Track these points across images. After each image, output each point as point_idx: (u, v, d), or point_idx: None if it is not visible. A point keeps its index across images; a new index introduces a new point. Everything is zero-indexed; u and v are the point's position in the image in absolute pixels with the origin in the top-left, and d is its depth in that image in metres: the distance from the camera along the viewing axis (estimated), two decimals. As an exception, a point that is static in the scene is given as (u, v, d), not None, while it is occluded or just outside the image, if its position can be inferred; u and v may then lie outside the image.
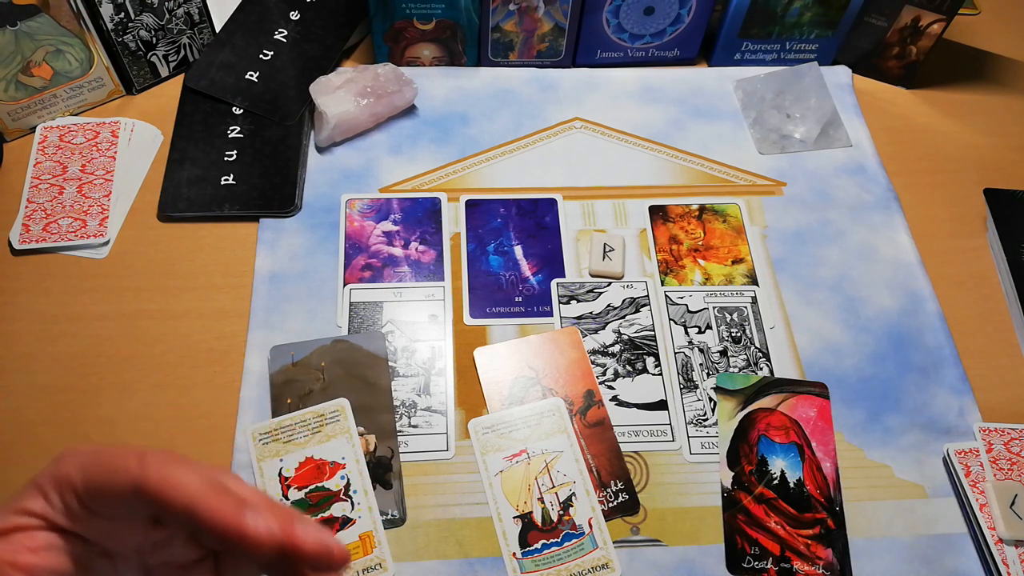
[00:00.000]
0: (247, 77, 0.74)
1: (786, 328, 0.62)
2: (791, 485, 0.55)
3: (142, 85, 0.74)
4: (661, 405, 0.58)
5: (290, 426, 0.55)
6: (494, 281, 0.64)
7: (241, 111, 0.72)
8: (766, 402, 0.58)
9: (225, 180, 0.67)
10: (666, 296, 0.64)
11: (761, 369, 0.60)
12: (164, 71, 0.75)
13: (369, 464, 0.54)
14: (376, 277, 0.63)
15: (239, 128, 0.71)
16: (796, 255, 0.66)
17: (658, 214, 0.68)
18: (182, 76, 0.75)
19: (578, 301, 0.63)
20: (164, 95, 0.74)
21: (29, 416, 0.56)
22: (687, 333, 0.62)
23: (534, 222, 0.67)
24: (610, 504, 0.54)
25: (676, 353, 0.61)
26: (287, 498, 0.53)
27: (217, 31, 0.76)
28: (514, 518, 0.53)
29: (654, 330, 0.62)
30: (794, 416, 0.58)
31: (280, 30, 0.77)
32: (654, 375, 0.60)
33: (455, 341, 0.61)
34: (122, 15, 0.68)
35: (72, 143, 0.69)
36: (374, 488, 0.53)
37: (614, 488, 0.54)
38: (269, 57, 0.75)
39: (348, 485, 0.53)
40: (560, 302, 0.63)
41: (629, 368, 0.60)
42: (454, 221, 0.67)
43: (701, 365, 0.60)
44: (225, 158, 0.69)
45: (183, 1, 0.71)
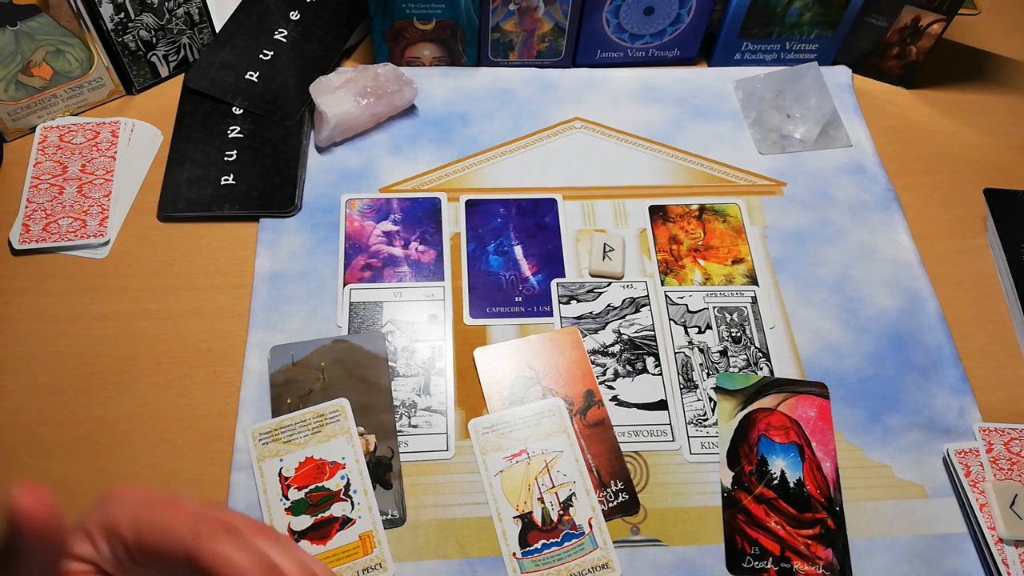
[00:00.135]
0: (247, 77, 0.74)
1: (786, 328, 0.62)
2: (791, 485, 0.55)
3: (142, 85, 0.74)
4: (661, 405, 0.58)
5: (290, 426, 0.55)
6: (494, 281, 0.64)
7: (241, 111, 0.72)
8: (766, 402, 0.58)
9: (225, 180, 0.67)
10: (666, 296, 0.64)
11: (761, 369, 0.60)
12: (164, 71, 0.75)
13: (369, 464, 0.54)
14: (376, 277, 0.63)
15: (239, 128, 0.71)
16: (796, 255, 0.66)
17: (658, 214, 0.68)
18: (182, 76, 0.75)
19: (578, 301, 0.63)
20: (164, 95, 0.74)
21: (29, 416, 0.56)
22: (687, 333, 0.62)
23: (534, 222, 0.67)
24: (610, 504, 0.54)
25: (676, 353, 0.61)
26: (287, 498, 0.53)
27: (217, 31, 0.76)
28: (514, 518, 0.53)
29: (654, 330, 0.62)
30: (794, 416, 0.58)
31: (280, 30, 0.77)
32: (654, 375, 0.60)
33: (455, 341, 0.61)
34: (122, 15, 0.68)
35: (72, 143, 0.69)
36: (374, 488, 0.53)
37: (614, 488, 0.54)
38: (269, 57, 0.75)
39: (348, 485, 0.53)
40: (560, 302, 0.63)
41: (629, 368, 0.60)
42: (454, 221, 0.67)
43: (701, 365, 0.60)
44: (225, 158, 0.69)
45: (183, 1, 0.71)
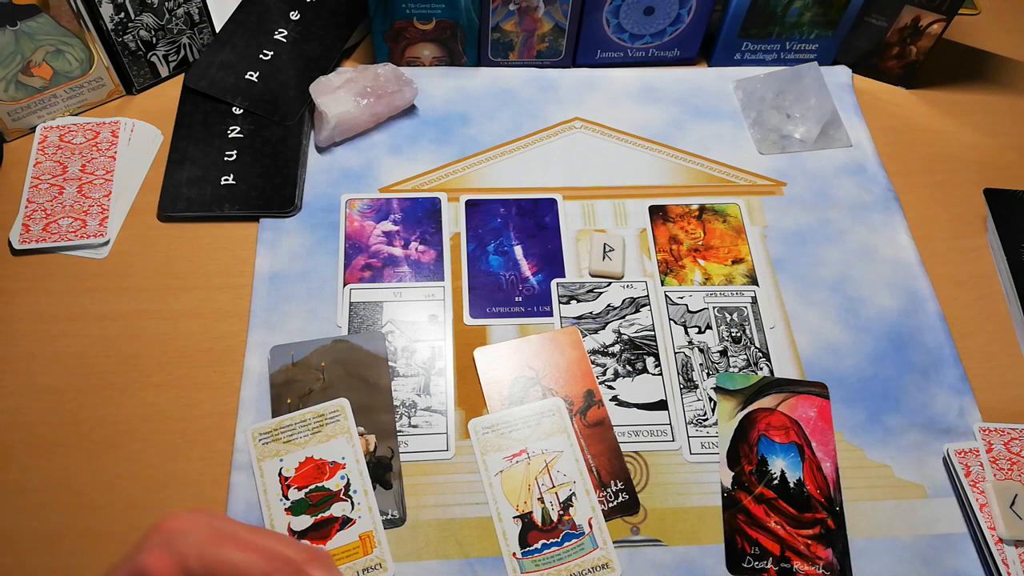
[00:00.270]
0: (247, 77, 0.74)
1: (786, 328, 0.62)
2: (791, 485, 0.55)
3: (142, 85, 0.74)
4: (661, 405, 0.58)
5: (290, 426, 0.55)
6: (494, 281, 0.64)
7: (241, 111, 0.72)
8: (766, 402, 0.58)
9: (225, 180, 0.67)
10: (666, 296, 0.64)
11: (761, 369, 0.60)
12: (164, 71, 0.75)
13: (369, 464, 0.54)
14: (376, 277, 0.63)
15: (239, 128, 0.71)
16: (796, 255, 0.66)
17: (658, 214, 0.68)
18: (182, 76, 0.75)
19: (578, 301, 0.63)
20: (164, 95, 0.74)
21: (29, 416, 0.56)
22: (687, 333, 0.62)
23: (534, 222, 0.67)
24: (610, 504, 0.54)
25: (676, 353, 0.61)
26: (287, 498, 0.53)
27: (217, 31, 0.76)
28: (514, 518, 0.53)
29: (654, 330, 0.62)
30: (794, 416, 0.58)
31: (280, 30, 0.77)
32: (654, 375, 0.60)
33: (455, 341, 0.61)
34: (122, 15, 0.68)
35: (72, 143, 0.69)
36: (374, 488, 0.53)
37: (614, 488, 0.54)
38: (269, 57, 0.75)
39: (348, 485, 0.53)
40: (560, 302, 0.63)
41: (629, 368, 0.60)
42: (454, 221, 0.67)
43: (701, 365, 0.60)
44: (225, 158, 0.69)
45: (183, 1, 0.71)
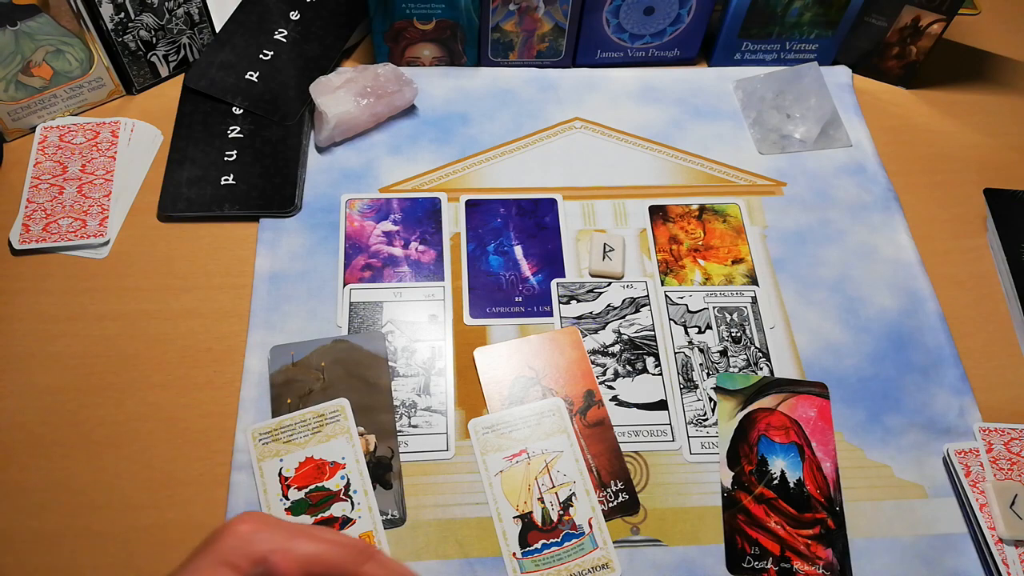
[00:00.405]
0: (247, 77, 0.74)
1: (786, 328, 0.62)
2: (791, 485, 0.55)
3: (142, 85, 0.74)
4: (661, 405, 0.58)
5: (290, 426, 0.55)
6: (494, 281, 0.64)
7: (241, 111, 0.72)
8: (766, 402, 0.58)
9: (225, 180, 0.67)
10: (666, 296, 0.64)
11: (761, 369, 0.60)
12: (164, 71, 0.75)
13: (369, 464, 0.54)
14: (376, 277, 0.63)
15: (239, 128, 0.71)
16: (796, 255, 0.66)
17: (658, 214, 0.68)
18: (182, 76, 0.75)
19: (578, 301, 0.63)
20: (164, 95, 0.74)
21: (29, 416, 0.56)
22: (687, 333, 0.62)
23: (534, 222, 0.67)
24: (610, 504, 0.54)
25: (676, 353, 0.61)
26: (287, 498, 0.53)
27: (217, 31, 0.76)
28: (514, 518, 0.53)
29: (654, 330, 0.62)
30: (794, 416, 0.58)
31: (280, 30, 0.77)
32: (654, 375, 0.60)
33: (455, 341, 0.61)
34: (122, 15, 0.68)
35: (72, 143, 0.69)
36: (374, 488, 0.53)
37: (614, 488, 0.54)
38: (269, 57, 0.75)
39: (348, 485, 0.53)
40: (560, 302, 0.63)
41: (629, 368, 0.60)
42: (454, 221, 0.67)
43: (701, 365, 0.60)
44: (225, 158, 0.69)
45: (183, 1, 0.71)
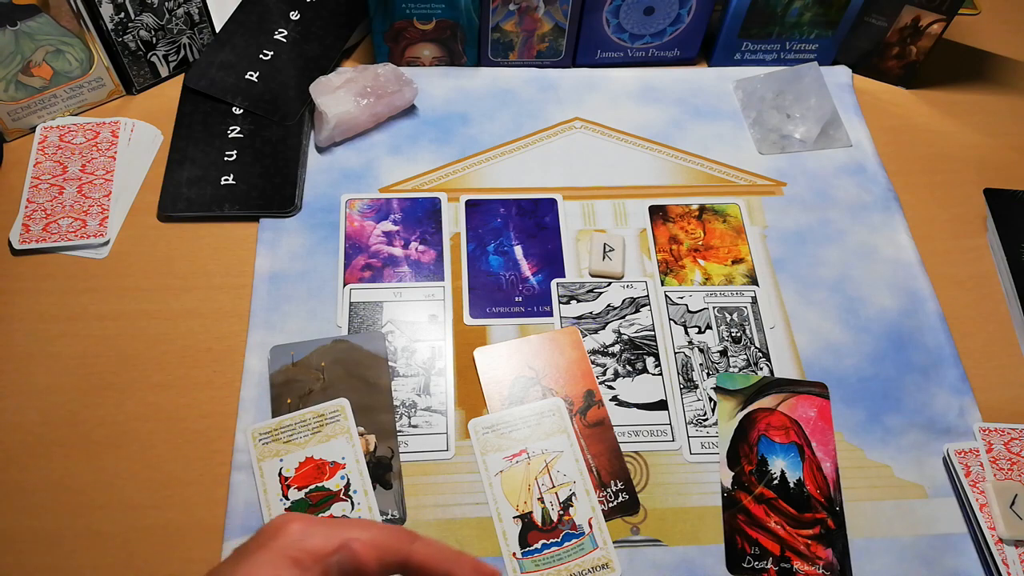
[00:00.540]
0: (247, 77, 0.74)
1: (786, 328, 0.62)
2: (791, 485, 0.55)
3: (142, 85, 0.74)
4: (661, 405, 0.58)
5: (290, 426, 0.55)
6: (494, 281, 0.64)
7: (241, 111, 0.72)
8: (766, 402, 0.58)
9: (225, 180, 0.67)
10: (666, 296, 0.64)
11: (761, 369, 0.60)
12: (164, 71, 0.75)
13: (369, 464, 0.54)
14: (376, 277, 0.63)
15: (239, 128, 0.71)
16: (796, 255, 0.66)
17: (658, 214, 0.68)
18: (182, 76, 0.75)
19: (578, 301, 0.63)
20: (164, 95, 0.74)
21: (29, 416, 0.56)
22: (687, 333, 0.62)
23: (534, 222, 0.67)
24: (610, 504, 0.54)
25: (676, 353, 0.61)
26: (287, 498, 0.53)
27: (217, 31, 0.76)
28: (514, 518, 0.53)
29: (654, 330, 0.62)
30: (794, 416, 0.58)
31: (280, 30, 0.77)
32: (654, 375, 0.60)
33: (455, 341, 0.61)
34: (122, 15, 0.68)
35: (72, 143, 0.69)
36: (374, 488, 0.53)
37: (614, 488, 0.54)
38: (269, 57, 0.75)
39: (348, 485, 0.53)
40: (560, 302, 0.63)
41: (629, 368, 0.60)
42: (454, 221, 0.67)
43: (701, 365, 0.60)
44: (225, 158, 0.69)
45: (183, 1, 0.71)
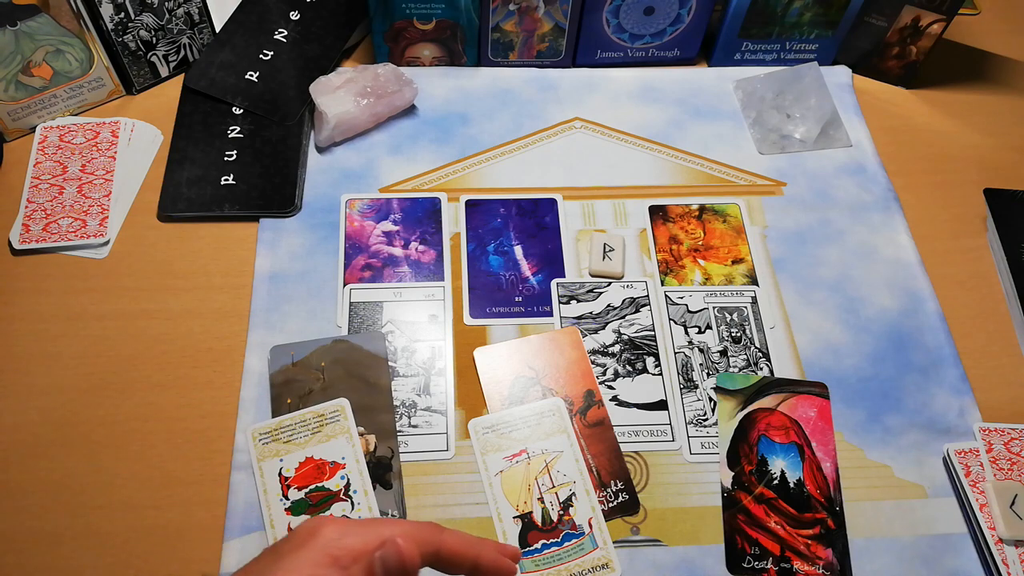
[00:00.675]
0: (247, 77, 0.74)
1: (786, 328, 0.62)
2: (791, 485, 0.55)
3: (142, 85, 0.74)
4: (661, 405, 0.58)
5: (290, 426, 0.55)
6: (494, 281, 0.64)
7: (241, 111, 0.72)
8: (766, 402, 0.58)
9: (225, 180, 0.67)
10: (666, 296, 0.64)
11: (761, 369, 0.60)
12: (164, 71, 0.75)
13: (369, 464, 0.54)
14: (376, 277, 0.63)
15: (239, 128, 0.71)
16: (796, 255, 0.66)
17: (658, 214, 0.68)
18: (182, 76, 0.75)
19: (578, 301, 0.63)
20: (164, 95, 0.74)
21: (29, 416, 0.56)
22: (687, 333, 0.62)
23: (534, 222, 0.67)
24: (610, 504, 0.54)
25: (676, 353, 0.61)
26: (287, 498, 0.53)
27: (217, 31, 0.76)
28: (514, 518, 0.53)
29: (654, 330, 0.62)
30: (794, 416, 0.58)
31: (280, 30, 0.77)
32: (654, 375, 0.60)
33: (455, 341, 0.61)
34: (122, 15, 0.68)
35: (72, 143, 0.69)
36: (374, 488, 0.53)
37: (614, 488, 0.54)
38: (269, 57, 0.75)
39: (348, 485, 0.53)
40: (560, 302, 0.63)
41: (629, 368, 0.60)
42: (454, 221, 0.67)
43: (701, 365, 0.60)
44: (225, 158, 0.69)
45: (183, 1, 0.71)
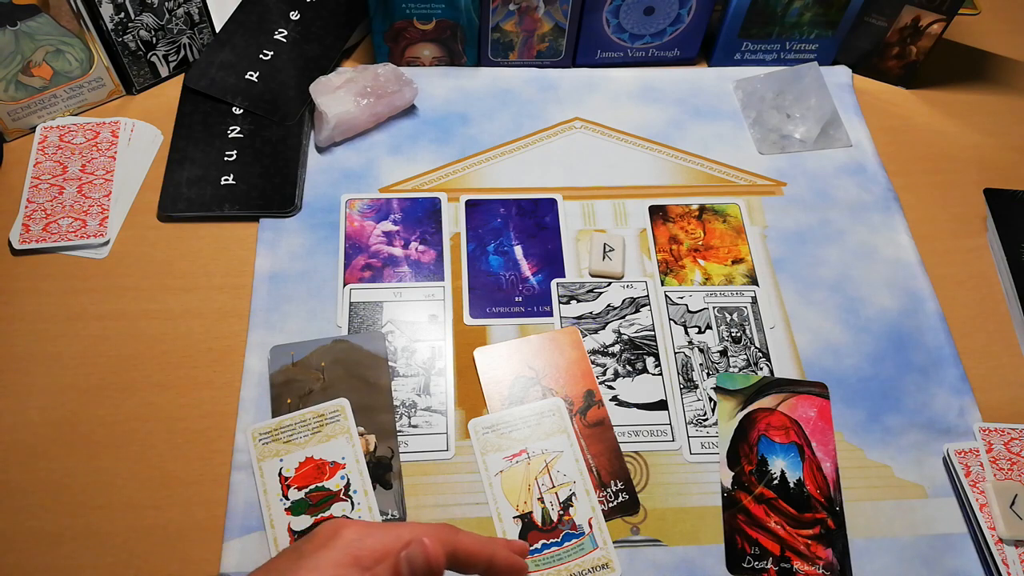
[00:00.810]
0: (247, 77, 0.74)
1: (786, 328, 0.62)
2: (791, 485, 0.55)
3: (142, 85, 0.74)
4: (661, 405, 0.58)
5: (290, 426, 0.55)
6: (494, 281, 0.64)
7: (241, 111, 0.72)
8: (766, 402, 0.58)
9: (225, 180, 0.67)
10: (666, 296, 0.64)
11: (761, 369, 0.60)
12: (164, 71, 0.75)
13: (369, 464, 0.54)
14: (376, 277, 0.63)
15: (239, 128, 0.71)
16: (796, 255, 0.66)
17: (658, 214, 0.68)
18: (182, 76, 0.75)
19: (578, 301, 0.63)
20: (164, 95, 0.74)
21: (29, 416, 0.56)
22: (687, 333, 0.62)
23: (534, 222, 0.67)
24: (610, 504, 0.54)
25: (676, 353, 0.61)
26: (287, 498, 0.53)
27: (217, 31, 0.76)
28: (514, 518, 0.53)
29: (654, 330, 0.62)
30: (794, 416, 0.58)
31: (280, 30, 0.77)
32: (654, 375, 0.60)
33: (455, 341, 0.61)
34: (122, 15, 0.68)
35: (72, 143, 0.69)
36: (374, 488, 0.53)
37: (614, 488, 0.54)
38: (269, 57, 0.75)
39: (348, 485, 0.53)
40: (560, 302, 0.63)
41: (629, 368, 0.60)
42: (454, 221, 0.67)
43: (701, 365, 0.60)
44: (225, 158, 0.69)
45: (183, 1, 0.71)
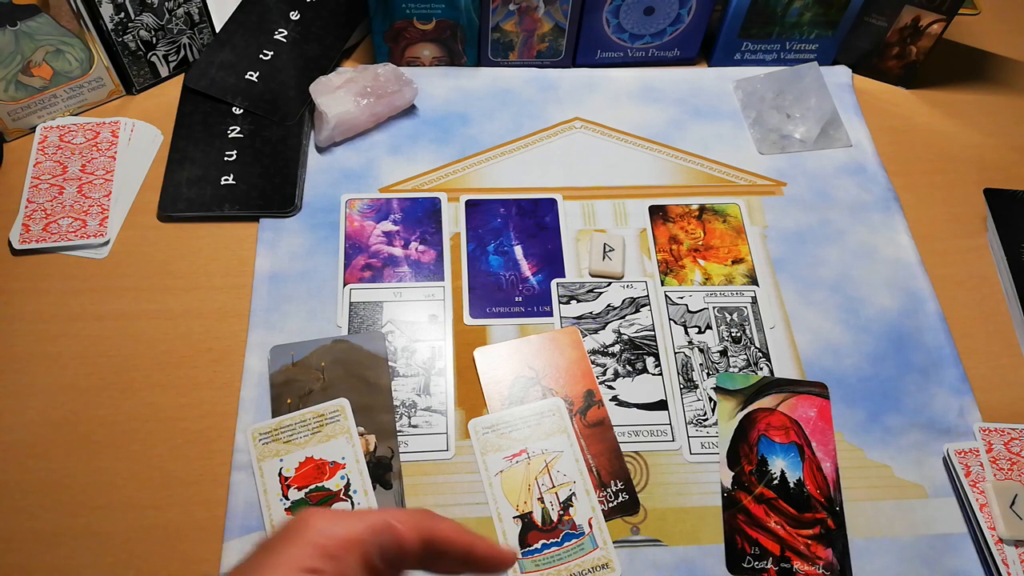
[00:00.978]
0: (247, 77, 0.74)
1: (786, 328, 0.62)
2: (791, 485, 0.55)
3: (142, 85, 0.74)
4: (661, 405, 0.58)
5: (290, 426, 0.55)
6: (494, 281, 0.64)
7: (241, 111, 0.72)
8: (766, 402, 0.58)
9: (225, 180, 0.67)
10: (666, 296, 0.64)
11: (761, 369, 0.60)
12: (164, 71, 0.75)
13: (369, 464, 0.54)
14: (376, 277, 0.63)
15: (239, 128, 0.71)
16: (796, 255, 0.66)
17: (658, 214, 0.68)
18: (182, 76, 0.75)
19: (578, 301, 0.63)
20: (164, 95, 0.74)
21: (29, 416, 0.56)
22: (687, 333, 0.62)
23: (534, 222, 0.67)
24: (610, 504, 0.54)
25: (676, 353, 0.61)
26: (287, 498, 0.53)
27: (217, 31, 0.76)
28: (514, 518, 0.53)
29: (654, 330, 0.62)
30: (794, 416, 0.58)
31: (280, 30, 0.77)
32: (654, 375, 0.60)
33: (455, 341, 0.61)
34: (122, 15, 0.68)
35: (72, 143, 0.69)
36: (374, 488, 0.53)
37: (614, 488, 0.54)
38: (269, 57, 0.75)
39: (348, 485, 0.53)
40: (560, 302, 0.63)
41: (629, 368, 0.60)
42: (454, 221, 0.67)
43: (701, 365, 0.60)
44: (225, 158, 0.69)
45: (183, 1, 0.71)
